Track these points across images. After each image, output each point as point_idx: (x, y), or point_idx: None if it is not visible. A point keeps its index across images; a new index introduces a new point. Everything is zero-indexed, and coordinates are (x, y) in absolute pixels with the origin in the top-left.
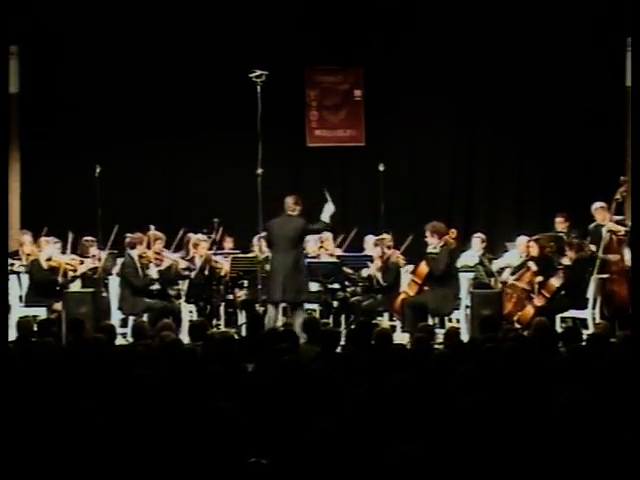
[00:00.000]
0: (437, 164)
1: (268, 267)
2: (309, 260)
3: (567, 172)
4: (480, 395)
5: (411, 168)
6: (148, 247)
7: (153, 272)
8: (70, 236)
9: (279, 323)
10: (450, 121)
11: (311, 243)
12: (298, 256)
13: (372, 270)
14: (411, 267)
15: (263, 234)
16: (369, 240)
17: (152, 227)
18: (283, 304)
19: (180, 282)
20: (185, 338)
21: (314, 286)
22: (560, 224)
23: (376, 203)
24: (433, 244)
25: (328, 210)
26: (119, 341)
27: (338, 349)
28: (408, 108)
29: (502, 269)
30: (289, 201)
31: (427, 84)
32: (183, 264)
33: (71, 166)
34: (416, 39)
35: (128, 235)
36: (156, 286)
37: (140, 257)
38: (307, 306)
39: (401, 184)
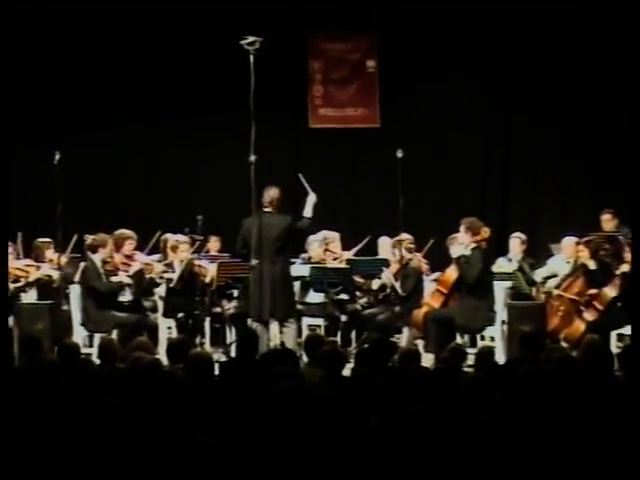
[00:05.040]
0: (467, 151)
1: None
2: (312, 266)
3: (618, 163)
4: (519, 428)
5: (435, 155)
6: (116, 250)
7: (124, 278)
8: (19, 236)
9: (276, 341)
10: (482, 99)
11: (314, 246)
12: (285, 264)
13: (388, 277)
14: (435, 276)
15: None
16: (384, 242)
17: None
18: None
19: (156, 292)
20: (163, 359)
21: (318, 297)
22: (608, 222)
23: (393, 197)
24: (462, 242)
25: (310, 202)
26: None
27: (346, 372)
28: (431, 83)
29: (547, 278)
30: (271, 194)
31: (454, 53)
32: (159, 268)
33: (24, 152)
34: None
35: (87, 236)
36: (127, 296)
37: (104, 263)
38: (310, 321)
39: (423, 174)
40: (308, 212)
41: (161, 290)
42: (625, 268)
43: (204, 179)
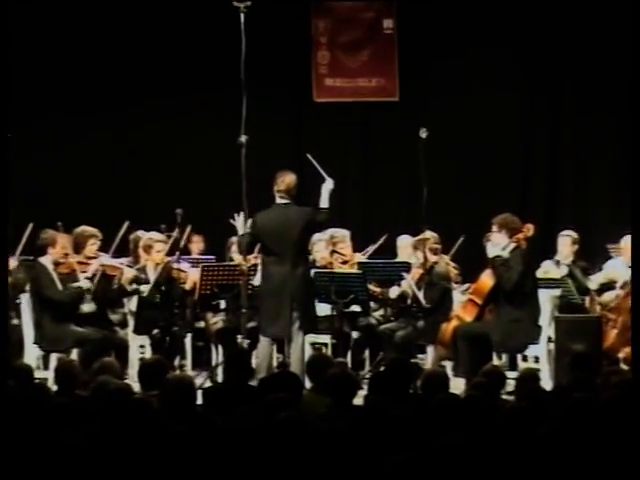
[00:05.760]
0: (505, 131)
1: (256, 282)
2: (316, 271)
3: None
4: (570, 469)
5: (467, 136)
6: (76, 251)
7: (84, 283)
8: None
9: (274, 363)
10: (524, 69)
11: (320, 246)
12: (307, 267)
13: (409, 285)
14: (466, 286)
15: (239, 233)
16: (404, 242)
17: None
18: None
19: (126, 302)
20: (134, 385)
21: (324, 309)
22: None
23: (415, 187)
24: (498, 243)
25: (326, 189)
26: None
27: (358, 401)
28: (463, 48)
29: (603, 286)
30: (287, 181)
31: (490, 12)
32: (130, 273)
33: None
34: None
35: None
36: (90, 307)
37: (56, 264)
38: (314, 338)
39: (452, 159)
40: (325, 202)
41: (132, 300)
42: None
43: (184, 164)
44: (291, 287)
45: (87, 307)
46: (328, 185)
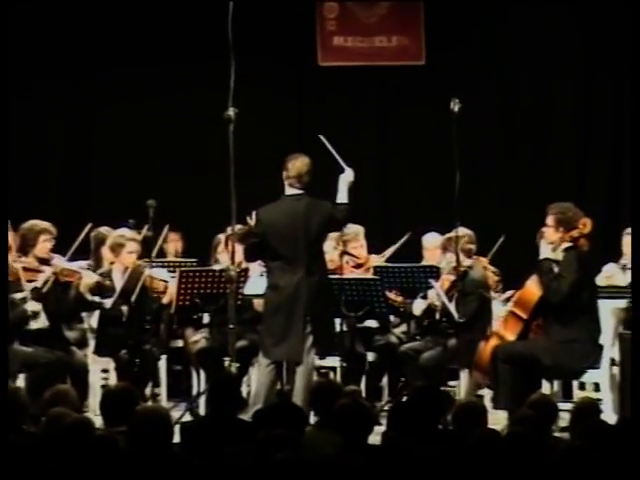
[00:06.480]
0: (557, 106)
1: (247, 290)
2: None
3: None
4: None
5: (509, 109)
6: (24, 252)
7: (31, 305)
8: None
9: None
10: (581, 35)
11: (327, 246)
12: (324, 274)
13: (437, 294)
14: (508, 294)
15: (233, 230)
16: (431, 241)
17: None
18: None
19: (86, 316)
20: (95, 418)
21: None
22: None
23: (445, 172)
24: (551, 240)
25: (344, 182)
26: None
27: (375, 438)
28: (505, 3)
29: None
30: (299, 165)
31: None
32: (91, 279)
33: None
34: None
35: None
36: (41, 322)
37: None
38: (320, 361)
39: (491, 137)
40: (343, 196)
41: (93, 314)
42: None
43: (158, 144)
44: (305, 298)
45: (37, 322)
46: (347, 177)
